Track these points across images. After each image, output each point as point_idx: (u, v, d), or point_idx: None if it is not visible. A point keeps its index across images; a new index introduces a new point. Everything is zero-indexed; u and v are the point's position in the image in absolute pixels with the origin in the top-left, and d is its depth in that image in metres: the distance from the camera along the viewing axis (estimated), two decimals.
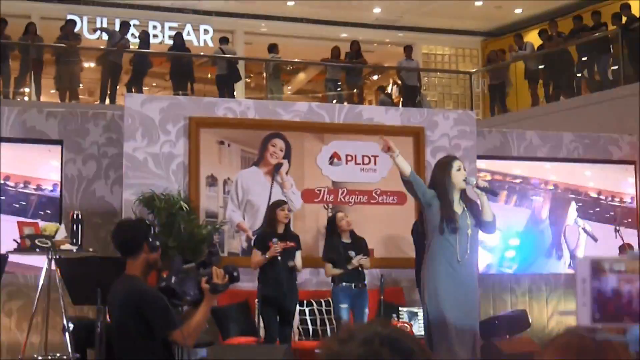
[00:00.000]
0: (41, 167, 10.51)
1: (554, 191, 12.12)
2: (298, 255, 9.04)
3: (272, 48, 17.01)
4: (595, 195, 12.25)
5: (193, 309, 4.83)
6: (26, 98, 15.22)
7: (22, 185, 10.35)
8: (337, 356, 1.78)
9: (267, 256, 8.71)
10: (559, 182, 12.17)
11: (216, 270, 4.75)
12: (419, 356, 1.78)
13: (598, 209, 12.24)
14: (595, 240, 11.84)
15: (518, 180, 12.01)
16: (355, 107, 11.54)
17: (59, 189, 10.38)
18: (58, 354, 7.86)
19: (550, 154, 12.08)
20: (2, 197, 10.13)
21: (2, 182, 10.14)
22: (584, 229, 12.00)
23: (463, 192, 6.91)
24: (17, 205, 10.22)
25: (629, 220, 12.16)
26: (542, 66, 16.54)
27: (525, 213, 11.98)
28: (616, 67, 15.14)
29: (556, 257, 11.99)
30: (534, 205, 12.04)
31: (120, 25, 16.60)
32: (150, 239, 4.90)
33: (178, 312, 5.02)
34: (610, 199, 12.30)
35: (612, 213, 12.24)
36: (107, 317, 5.41)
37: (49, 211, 10.30)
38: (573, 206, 12.14)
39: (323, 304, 9.79)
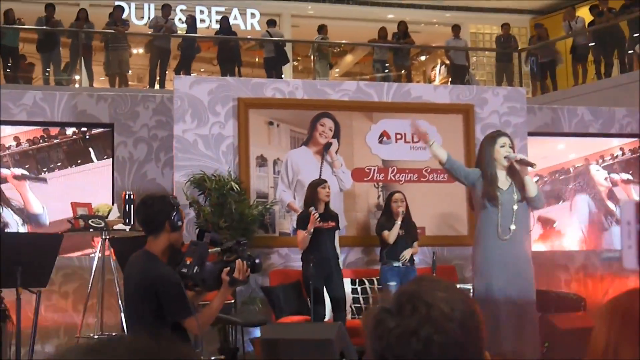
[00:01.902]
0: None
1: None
2: (337, 235, 9.08)
3: (320, 29, 17.00)
4: None
5: (202, 293, 4.77)
6: (77, 85, 15.38)
7: None
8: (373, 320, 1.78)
9: (309, 229, 8.72)
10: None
11: (240, 264, 4.68)
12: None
13: None
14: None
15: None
16: (403, 85, 11.48)
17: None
18: (114, 334, 7.94)
19: (602, 129, 11.93)
20: None
21: None
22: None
23: (511, 168, 6.88)
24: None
25: None
26: (593, 43, 16.33)
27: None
28: None
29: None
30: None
31: (162, 7, 16.55)
32: (173, 218, 4.73)
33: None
34: None
35: None
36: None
37: None
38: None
39: (375, 282, 9.78)
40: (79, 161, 10.62)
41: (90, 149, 10.66)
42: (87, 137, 10.67)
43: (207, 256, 4.70)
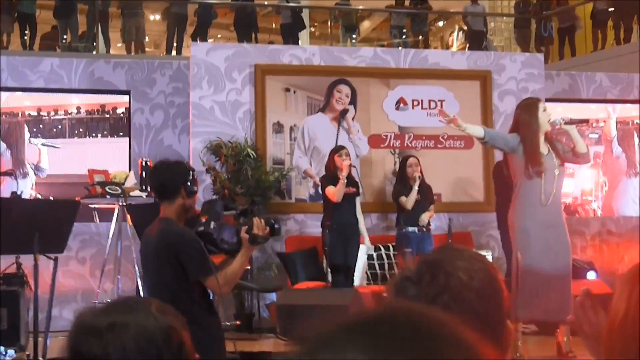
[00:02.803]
0: None
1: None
2: (358, 201, 9.10)
3: None
4: None
5: (230, 258, 4.66)
6: (94, 52, 15.37)
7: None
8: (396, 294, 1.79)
9: (342, 177, 8.74)
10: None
11: (257, 221, 4.58)
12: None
13: None
14: None
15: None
16: (420, 51, 11.43)
17: None
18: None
19: (621, 95, 11.85)
20: None
21: None
22: None
23: (546, 134, 6.93)
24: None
25: None
26: (612, 8, 16.18)
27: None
28: None
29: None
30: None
31: None
32: (189, 183, 4.67)
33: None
34: None
35: None
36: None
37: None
38: None
39: (391, 248, 9.80)
40: (98, 134, 10.76)
41: (109, 124, 10.78)
42: (107, 115, 10.79)
43: (222, 213, 4.66)
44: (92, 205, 9.28)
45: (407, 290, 1.76)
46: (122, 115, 10.82)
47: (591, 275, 9.68)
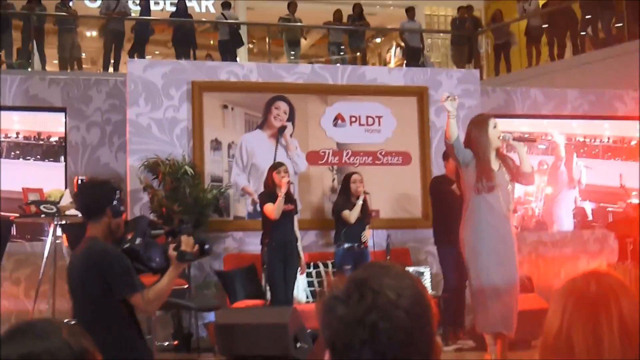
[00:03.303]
0: None
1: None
2: (295, 219, 9.10)
3: (289, 6, 16.91)
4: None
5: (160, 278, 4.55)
6: (29, 69, 15.17)
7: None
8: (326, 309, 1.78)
9: (281, 194, 8.75)
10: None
11: (185, 238, 4.50)
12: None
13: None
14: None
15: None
16: (358, 68, 11.49)
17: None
18: (66, 320, 7.87)
19: (555, 111, 12.03)
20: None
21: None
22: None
23: (497, 150, 6.99)
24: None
25: None
26: (546, 25, 16.42)
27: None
28: (620, 24, 15.03)
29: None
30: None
31: None
32: (115, 203, 4.56)
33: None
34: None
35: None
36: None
37: None
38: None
39: (329, 265, 9.80)
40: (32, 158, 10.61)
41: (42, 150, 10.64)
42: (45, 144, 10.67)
43: (148, 229, 4.59)
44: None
45: (336, 310, 1.75)
46: (55, 143, 10.63)
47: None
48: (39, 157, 10.61)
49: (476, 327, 7.14)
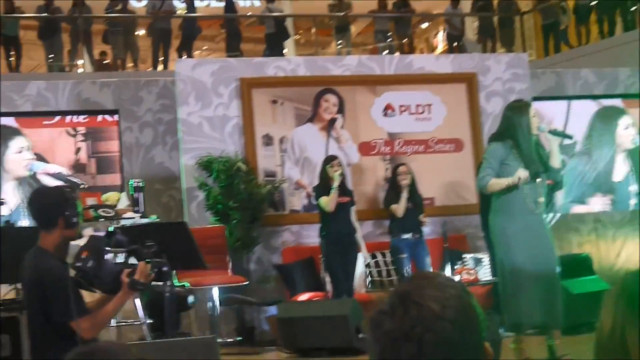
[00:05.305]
0: None
1: None
2: (352, 210, 9.15)
3: None
4: None
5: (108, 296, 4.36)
6: (80, 70, 15.37)
7: None
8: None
9: (333, 189, 8.83)
10: None
11: (142, 265, 4.23)
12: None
13: None
14: None
15: None
16: (405, 57, 11.47)
17: None
18: (131, 320, 7.98)
19: (607, 91, 11.87)
20: None
21: None
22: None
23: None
24: None
25: None
26: (595, 1, 16.19)
27: None
28: None
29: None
30: None
31: None
32: (68, 213, 4.30)
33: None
34: None
35: None
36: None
37: None
38: None
39: (387, 255, 9.81)
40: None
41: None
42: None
43: (104, 251, 4.28)
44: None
45: (383, 325, 1.74)
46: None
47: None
48: None
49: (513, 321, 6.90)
